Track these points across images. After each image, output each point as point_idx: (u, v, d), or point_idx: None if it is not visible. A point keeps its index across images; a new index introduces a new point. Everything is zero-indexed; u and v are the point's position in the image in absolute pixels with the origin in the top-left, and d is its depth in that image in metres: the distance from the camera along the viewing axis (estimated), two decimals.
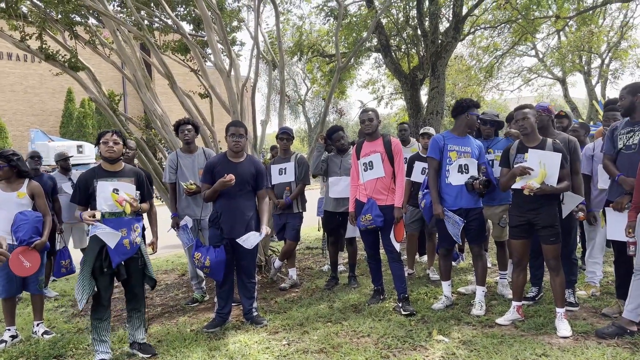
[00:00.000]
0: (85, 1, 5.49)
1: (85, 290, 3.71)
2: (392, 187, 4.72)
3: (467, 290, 5.18)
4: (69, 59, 6.31)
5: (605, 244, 5.08)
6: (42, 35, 6.21)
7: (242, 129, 4.41)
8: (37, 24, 6.04)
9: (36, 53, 6.04)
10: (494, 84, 22.49)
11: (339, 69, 6.71)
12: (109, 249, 3.73)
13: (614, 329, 3.77)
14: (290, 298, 5.36)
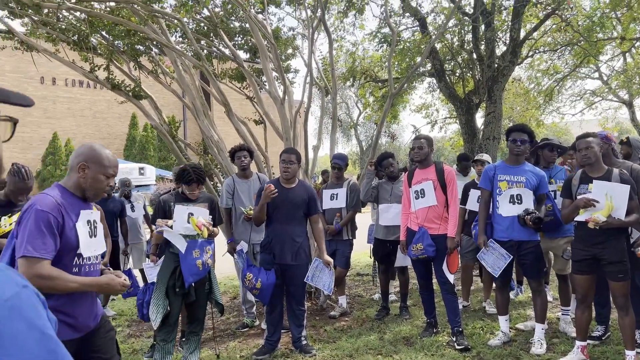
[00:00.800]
0: (150, 34, 5.78)
1: (159, 309, 3.82)
2: (444, 216, 4.60)
3: (526, 327, 4.92)
4: (133, 88, 6.63)
5: None
6: (110, 66, 6.58)
7: (293, 156, 4.46)
8: (105, 55, 6.41)
9: (103, 83, 6.39)
10: (554, 107, 21.69)
11: (391, 95, 6.69)
12: (182, 269, 3.83)
13: None
14: (339, 327, 5.28)
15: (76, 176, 2.32)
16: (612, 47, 15.57)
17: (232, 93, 8.17)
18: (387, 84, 12.38)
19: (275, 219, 4.46)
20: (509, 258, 4.31)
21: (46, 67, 21.01)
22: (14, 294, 0.66)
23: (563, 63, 16.34)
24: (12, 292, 0.66)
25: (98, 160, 2.33)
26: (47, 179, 23.90)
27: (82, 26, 6.19)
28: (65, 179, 2.34)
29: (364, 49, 12.78)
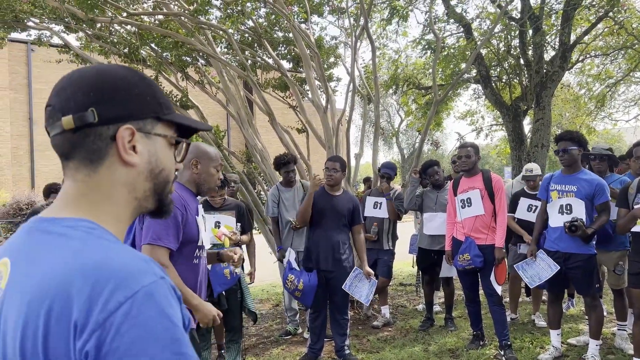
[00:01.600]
0: (196, 45, 5.94)
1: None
2: (492, 226, 4.47)
3: (578, 342, 4.71)
4: (180, 98, 6.82)
5: None
6: (158, 77, 6.79)
7: (337, 164, 4.47)
8: (154, 67, 6.63)
9: None
10: (606, 113, 20.81)
11: (436, 102, 6.60)
12: (210, 279, 3.89)
13: None
14: (383, 337, 5.21)
15: (189, 172, 2.52)
16: None
17: (275, 102, 8.28)
18: (431, 91, 12.23)
19: (319, 224, 4.48)
20: (556, 269, 4.15)
21: None
22: (152, 282, 0.74)
23: (616, 67, 15.69)
24: (150, 280, 0.74)
25: (206, 155, 2.54)
26: None
27: (132, 39, 6.43)
28: (178, 176, 2.52)
29: (406, 56, 12.69)
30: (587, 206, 4.14)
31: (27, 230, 0.84)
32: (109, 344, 0.68)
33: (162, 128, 0.90)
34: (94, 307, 0.69)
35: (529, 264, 4.40)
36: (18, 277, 0.78)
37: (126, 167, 0.86)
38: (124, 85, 0.85)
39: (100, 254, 0.76)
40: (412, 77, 12.33)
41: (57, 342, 0.70)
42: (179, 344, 0.72)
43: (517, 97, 10.50)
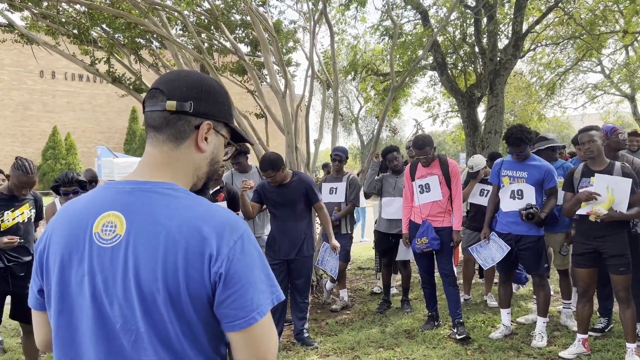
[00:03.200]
0: (150, 26, 5.76)
1: None
2: (448, 209, 4.60)
3: (527, 320, 4.93)
4: (134, 81, 6.61)
5: None
6: (110, 59, 6.55)
7: (269, 171, 4.27)
8: (106, 48, 6.39)
9: (104, 76, 6.37)
10: (556, 101, 21.62)
11: (393, 88, 6.67)
12: None
13: None
14: (341, 320, 5.29)
15: None
16: (614, 40, 15.52)
17: (233, 86, 8.15)
18: (389, 77, 12.35)
19: (277, 216, 4.50)
20: (507, 250, 4.32)
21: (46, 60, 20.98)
22: (247, 227, 1.09)
23: (565, 57, 16.29)
24: (245, 226, 1.09)
25: None
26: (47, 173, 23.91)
27: (82, 19, 6.16)
28: None
29: (365, 42, 12.74)
30: (537, 191, 4.32)
31: (127, 191, 1.10)
32: (234, 267, 1.02)
33: (226, 131, 1.21)
34: (222, 244, 1.03)
35: (483, 246, 4.58)
36: (141, 226, 1.04)
37: (198, 151, 1.14)
38: (215, 93, 1.17)
39: (208, 208, 1.09)
40: (370, 63, 12.40)
41: (194, 268, 1.01)
42: (267, 266, 1.09)
43: (471, 85, 10.74)
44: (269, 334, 1.07)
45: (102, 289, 1.04)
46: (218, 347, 1.09)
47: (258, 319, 1.03)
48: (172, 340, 1.03)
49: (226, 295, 1.02)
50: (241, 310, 1.02)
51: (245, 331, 1.03)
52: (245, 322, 1.03)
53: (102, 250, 1.05)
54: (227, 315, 1.03)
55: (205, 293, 1.02)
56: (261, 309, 1.04)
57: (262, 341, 1.06)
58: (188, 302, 1.02)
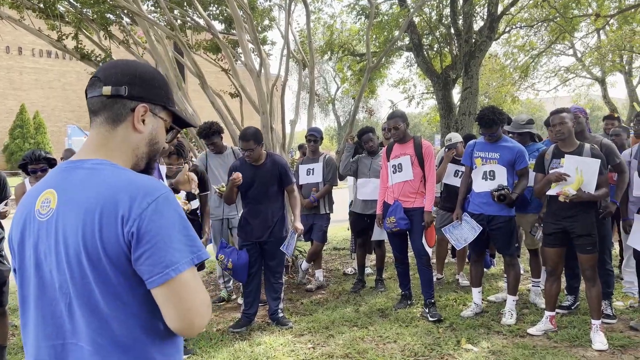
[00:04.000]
0: (120, 1, 5.57)
1: None
2: (420, 190, 4.63)
3: (497, 299, 5.05)
4: (104, 58, 6.42)
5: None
6: (78, 35, 6.34)
7: (251, 141, 4.27)
8: (74, 23, 6.17)
9: (72, 52, 6.16)
10: (529, 83, 21.90)
11: (369, 69, 6.64)
12: None
13: None
14: (316, 300, 5.33)
15: None
16: (586, 24, 15.74)
17: (206, 65, 8.01)
18: (365, 57, 12.30)
19: (249, 197, 4.44)
20: (479, 230, 4.40)
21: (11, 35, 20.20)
22: (167, 191, 1.16)
23: (539, 39, 16.47)
24: (165, 190, 1.16)
25: None
26: (15, 153, 23.21)
27: None
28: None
29: (342, 21, 12.64)
30: (509, 172, 4.38)
31: (63, 169, 1.21)
32: (146, 226, 1.09)
33: (165, 114, 1.30)
34: (134, 205, 1.10)
35: (455, 227, 4.64)
36: (68, 198, 1.15)
37: (135, 132, 1.24)
38: (149, 78, 1.26)
39: (128, 176, 1.17)
40: (347, 43, 12.32)
41: (109, 230, 1.09)
42: (187, 228, 1.14)
43: (447, 66, 10.78)
44: (191, 293, 1.12)
45: (43, 259, 1.16)
46: (156, 311, 1.13)
47: (173, 275, 1.09)
48: (98, 302, 1.11)
49: (140, 252, 1.09)
50: (156, 266, 1.08)
51: (164, 287, 1.09)
52: (161, 277, 1.08)
53: (41, 224, 1.17)
54: (144, 272, 1.10)
55: (122, 252, 1.10)
56: (177, 266, 1.09)
57: (183, 298, 1.11)
58: (108, 262, 1.09)
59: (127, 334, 1.13)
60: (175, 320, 1.12)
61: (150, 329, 1.15)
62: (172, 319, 1.12)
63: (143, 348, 1.15)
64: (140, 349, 1.14)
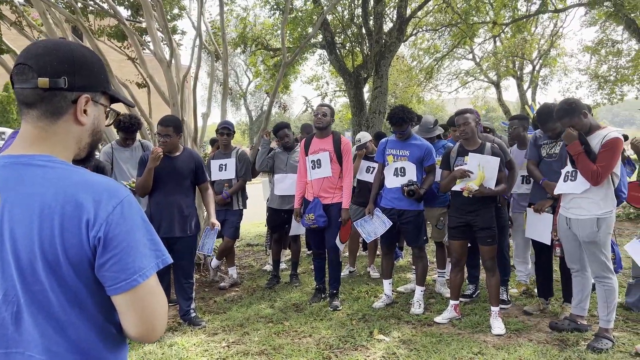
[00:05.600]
0: None
1: None
2: (338, 186, 4.70)
3: (406, 290, 5.27)
4: None
5: (532, 244, 5.31)
6: None
7: (171, 128, 4.15)
8: None
9: None
10: (433, 85, 23.12)
11: (284, 64, 6.61)
12: None
13: (567, 322, 3.96)
14: (229, 297, 5.23)
15: None
16: (484, 30, 16.87)
17: (111, 52, 7.52)
18: (279, 52, 12.25)
19: (160, 189, 4.21)
20: (389, 224, 4.56)
21: None
22: (129, 194, 1.10)
23: (442, 43, 17.41)
24: (127, 192, 1.10)
25: None
26: None
27: None
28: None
29: (255, 14, 12.48)
30: (418, 168, 4.58)
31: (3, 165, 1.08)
32: (114, 231, 1.04)
33: (104, 100, 1.21)
34: (99, 209, 1.04)
35: (367, 221, 4.77)
36: (17, 197, 1.05)
37: (77, 124, 1.15)
38: (89, 63, 1.15)
39: (86, 176, 1.09)
40: (260, 37, 12.19)
41: (72, 235, 1.02)
42: (151, 232, 1.11)
43: (358, 65, 11.05)
44: (154, 298, 1.09)
45: None
46: (111, 315, 1.10)
47: (140, 281, 1.05)
48: (54, 309, 1.05)
49: (106, 258, 1.04)
50: (122, 272, 1.04)
51: (128, 294, 1.05)
52: (127, 284, 1.04)
53: None
54: (109, 278, 1.05)
55: (86, 258, 1.04)
56: (144, 271, 1.06)
57: (147, 305, 1.08)
58: (69, 268, 1.04)
59: (83, 340, 1.08)
60: (137, 326, 1.08)
61: (106, 334, 1.11)
62: (133, 325, 1.08)
63: (99, 354, 1.10)
64: (96, 355, 1.10)
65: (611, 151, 3.47)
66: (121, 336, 1.15)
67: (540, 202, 4.26)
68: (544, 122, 4.16)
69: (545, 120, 4.15)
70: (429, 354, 3.60)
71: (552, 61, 22.36)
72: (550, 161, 4.21)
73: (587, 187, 3.55)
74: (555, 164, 4.14)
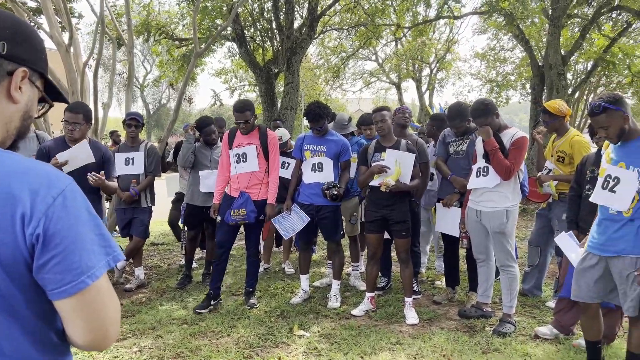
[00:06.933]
0: None
1: None
2: (265, 181, 4.58)
3: (322, 284, 5.30)
4: None
5: (430, 237, 5.63)
6: None
7: (80, 115, 3.86)
8: None
9: None
10: (339, 84, 23.62)
11: (196, 54, 6.36)
12: None
13: (474, 310, 4.20)
14: (137, 300, 4.93)
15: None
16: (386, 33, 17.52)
17: None
18: (186, 42, 11.78)
19: None
20: (307, 220, 4.57)
21: None
22: (71, 182, 0.96)
23: (348, 43, 17.81)
24: (69, 181, 0.96)
25: None
26: None
27: None
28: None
29: (159, 2, 11.86)
30: (335, 164, 4.62)
31: None
32: (55, 226, 0.90)
33: (40, 84, 1.06)
34: (37, 201, 0.89)
35: (285, 217, 4.73)
36: None
37: (9, 102, 0.99)
38: (33, 37, 1.02)
39: (21, 163, 0.93)
40: (165, 25, 11.64)
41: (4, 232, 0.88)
42: (99, 226, 0.97)
43: (269, 60, 10.94)
44: (106, 301, 0.97)
45: None
46: (52, 322, 0.97)
47: (89, 283, 0.92)
48: None
49: (47, 258, 0.90)
50: (67, 273, 0.91)
51: (75, 298, 0.92)
52: (74, 287, 0.91)
53: None
54: (51, 280, 0.91)
55: (22, 259, 0.90)
56: (93, 271, 0.93)
57: (97, 309, 0.96)
58: (2, 272, 0.89)
59: (17, 352, 0.94)
60: (85, 334, 0.96)
61: (46, 344, 0.97)
62: (81, 333, 0.96)
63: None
64: None
65: (520, 149, 3.76)
66: (64, 345, 1.01)
67: (448, 197, 4.50)
68: (453, 119, 4.39)
69: (454, 117, 4.38)
70: (349, 347, 3.65)
71: (447, 65, 23.81)
72: (457, 158, 4.46)
73: (498, 182, 3.82)
74: (462, 161, 4.40)
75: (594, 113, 2.80)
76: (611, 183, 2.81)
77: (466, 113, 4.34)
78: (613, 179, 2.81)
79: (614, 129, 2.76)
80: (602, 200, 2.87)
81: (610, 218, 2.83)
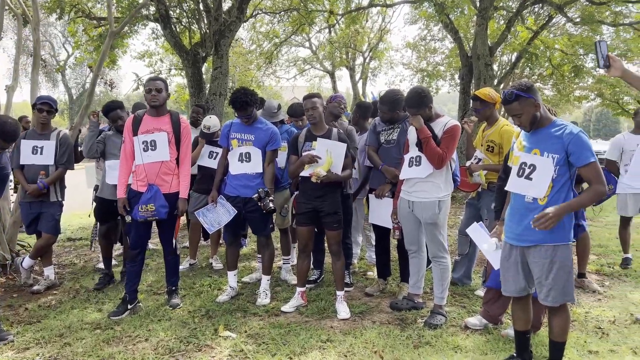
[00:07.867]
0: None
1: None
2: (176, 173, 4.21)
3: (251, 279, 5.07)
4: None
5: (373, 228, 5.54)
6: None
7: None
8: None
9: None
10: (272, 70, 23.18)
11: (111, 33, 5.83)
12: None
13: (405, 301, 4.12)
14: (46, 303, 4.47)
15: None
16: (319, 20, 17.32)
17: None
18: (105, 22, 10.98)
19: None
20: (234, 213, 4.31)
21: None
22: None
23: (281, 29, 17.43)
24: None
25: None
26: None
27: None
28: None
29: None
30: (263, 154, 4.36)
31: None
32: None
33: None
34: None
35: (210, 210, 4.44)
36: None
37: None
38: None
39: None
40: (80, 3, 10.76)
41: None
42: None
43: (196, 43, 10.40)
44: None
45: None
46: None
47: None
48: None
49: None
50: None
51: None
52: None
53: None
54: None
55: None
56: None
57: None
58: None
59: None
60: None
61: None
62: None
63: None
64: None
65: (452, 137, 3.70)
66: None
67: (380, 187, 4.38)
68: (384, 104, 4.26)
69: (385, 103, 4.26)
70: (277, 347, 3.45)
71: (380, 54, 24.00)
72: (389, 147, 4.35)
73: (431, 172, 3.74)
74: (394, 149, 4.29)
75: (507, 101, 2.81)
76: (527, 170, 2.82)
77: (399, 104, 4.22)
78: (529, 166, 2.81)
79: (527, 117, 2.78)
80: (518, 189, 2.87)
81: (525, 206, 2.84)
